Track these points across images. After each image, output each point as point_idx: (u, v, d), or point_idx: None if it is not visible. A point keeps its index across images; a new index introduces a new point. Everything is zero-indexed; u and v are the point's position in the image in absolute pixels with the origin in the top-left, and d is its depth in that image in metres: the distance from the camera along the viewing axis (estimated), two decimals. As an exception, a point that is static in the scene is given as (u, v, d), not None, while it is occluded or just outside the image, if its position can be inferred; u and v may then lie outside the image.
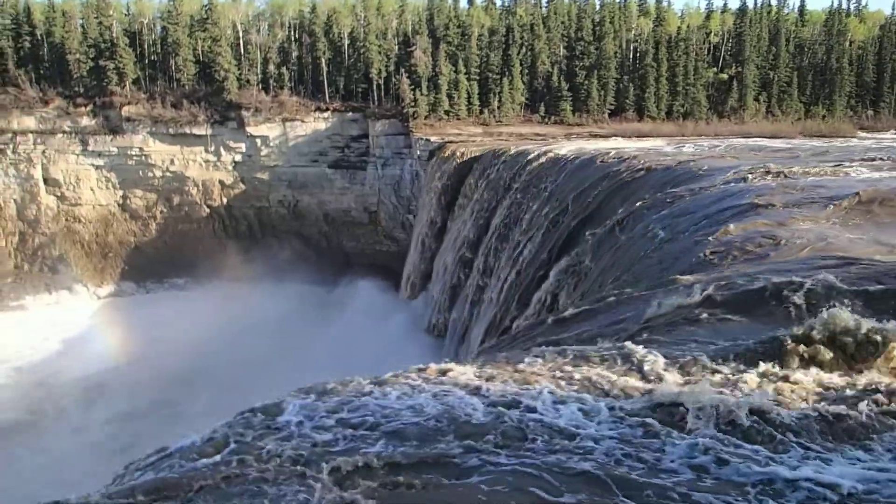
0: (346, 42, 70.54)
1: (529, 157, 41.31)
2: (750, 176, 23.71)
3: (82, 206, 68.22)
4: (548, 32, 72.67)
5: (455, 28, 71.51)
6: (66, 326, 58.33)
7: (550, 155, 39.74)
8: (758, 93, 74.53)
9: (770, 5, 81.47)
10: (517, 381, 7.31)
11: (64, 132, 66.21)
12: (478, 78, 68.54)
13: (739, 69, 74.65)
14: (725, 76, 75.48)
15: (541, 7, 79.93)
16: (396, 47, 70.95)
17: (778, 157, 32.54)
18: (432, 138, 59.64)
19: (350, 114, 68.35)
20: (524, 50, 71.31)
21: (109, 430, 43.05)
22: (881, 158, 30.28)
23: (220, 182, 69.36)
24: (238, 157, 68.82)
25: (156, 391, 46.88)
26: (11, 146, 65.66)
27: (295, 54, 71.80)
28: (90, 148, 66.65)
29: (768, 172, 24.19)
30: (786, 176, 23.59)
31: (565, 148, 40.83)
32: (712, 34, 79.05)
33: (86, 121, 66.35)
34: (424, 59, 67.69)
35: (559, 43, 73.38)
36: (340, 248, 70.60)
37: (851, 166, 26.46)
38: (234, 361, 46.89)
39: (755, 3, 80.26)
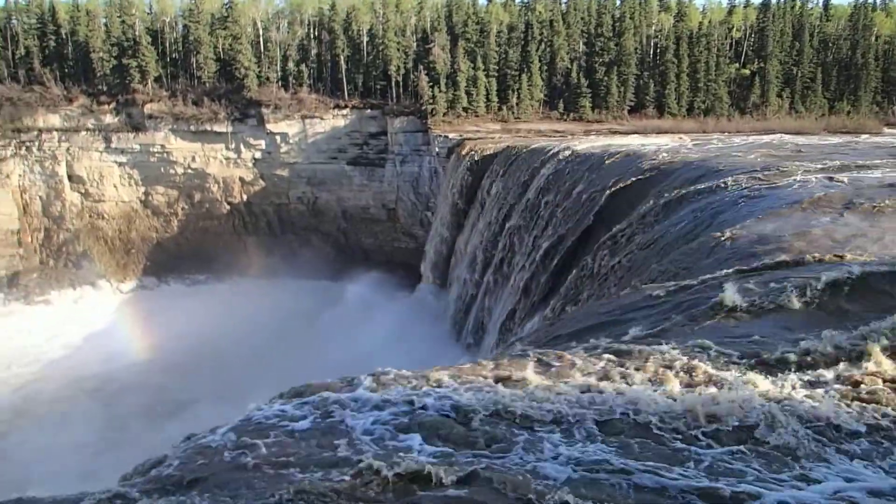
0: (365, 39, 70.70)
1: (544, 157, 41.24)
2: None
3: (105, 203, 69.25)
4: (567, 28, 72.22)
5: (474, 24, 71.33)
6: (88, 322, 59.16)
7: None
8: (781, 89, 73.40)
9: (794, 0, 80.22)
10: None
11: (88, 129, 67.27)
12: (496, 74, 68.28)
13: (762, 65, 73.61)
14: (748, 72, 74.49)
15: (560, 3, 79.42)
16: (415, 44, 70.90)
17: (746, 162, 31.43)
18: (451, 135, 59.58)
19: (369, 111, 68.52)
20: (543, 46, 70.90)
21: (106, 428, 43.23)
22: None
23: (241, 179, 69.96)
24: (258, 154, 69.36)
25: (165, 388, 47.31)
26: (37, 143, 66.92)
27: (314, 51, 72.09)
28: (113, 145, 67.64)
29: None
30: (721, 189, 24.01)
31: (560, 155, 40.68)
32: (734, 29, 78.04)
33: (109, 118, 67.33)
34: (443, 56, 67.60)
35: (578, 39, 72.96)
36: (359, 244, 70.88)
37: (798, 173, 26.11)
38: (242, 359, 47.29)
39: (778, -2, 79.16)
